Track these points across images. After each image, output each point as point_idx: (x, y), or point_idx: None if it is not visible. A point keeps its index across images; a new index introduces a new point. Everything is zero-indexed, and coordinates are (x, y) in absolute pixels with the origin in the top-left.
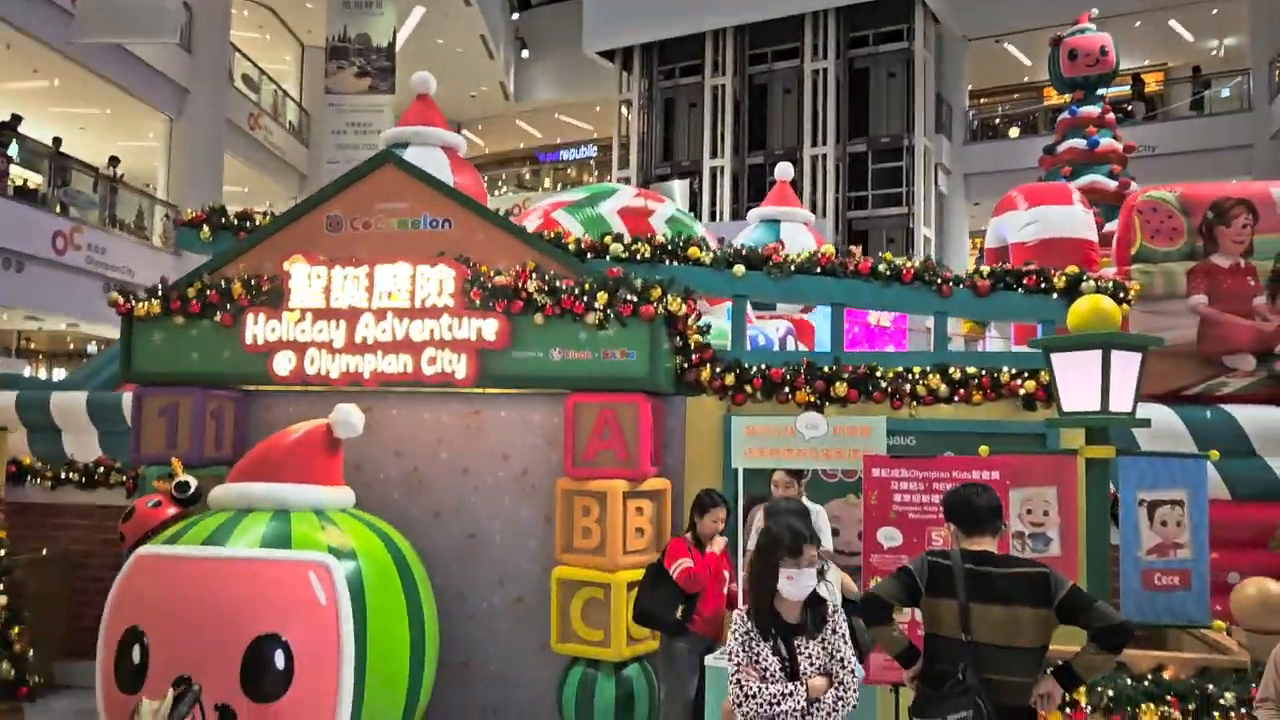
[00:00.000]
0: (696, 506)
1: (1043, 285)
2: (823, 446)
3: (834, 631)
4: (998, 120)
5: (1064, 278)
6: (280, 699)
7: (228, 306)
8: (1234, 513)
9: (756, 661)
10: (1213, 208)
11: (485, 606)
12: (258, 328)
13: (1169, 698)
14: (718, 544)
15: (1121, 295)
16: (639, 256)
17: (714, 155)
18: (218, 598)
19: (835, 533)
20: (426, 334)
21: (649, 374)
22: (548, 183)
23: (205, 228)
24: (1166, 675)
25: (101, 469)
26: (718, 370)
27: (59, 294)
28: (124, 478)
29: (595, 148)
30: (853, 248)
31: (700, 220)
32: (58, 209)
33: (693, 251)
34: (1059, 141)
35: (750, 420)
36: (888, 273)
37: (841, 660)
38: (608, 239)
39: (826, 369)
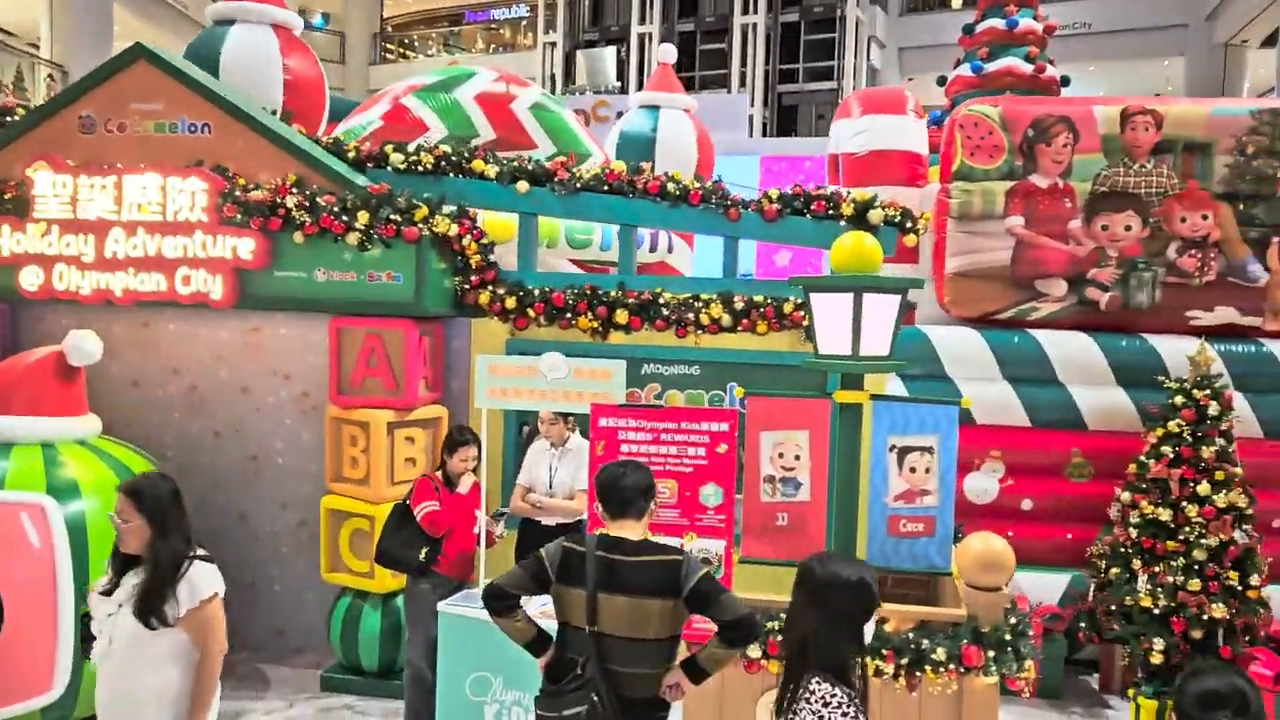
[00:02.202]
0: (446, 444)
1: (830, 211)
2: (564, 389)
3: None
4: None
5: (852, 204)
6: None
7: None
8: (1033, 439)
9: None
10: (1034, 125)
11: (269, 529)
12: (2, 239)
13: (884, 652)
14: (466, 483)
15: (909, 225)
16: (421, 168)
17: (642, 21)
18: None
19: None
20: (179, 251)
21: (415, 298)
22: (480, 43)
23: None
24: (888, 628)
25: None
26: (499, 293)
27: None
28: None
29: (527, 7)
30: (643, 164)
31: (628, 91)
32: None
33: (476, 164)
34: (980, 20)
35: (492, 358)
36: (676, 193)
37: None
38: (388, 148)
39: (612, 294)
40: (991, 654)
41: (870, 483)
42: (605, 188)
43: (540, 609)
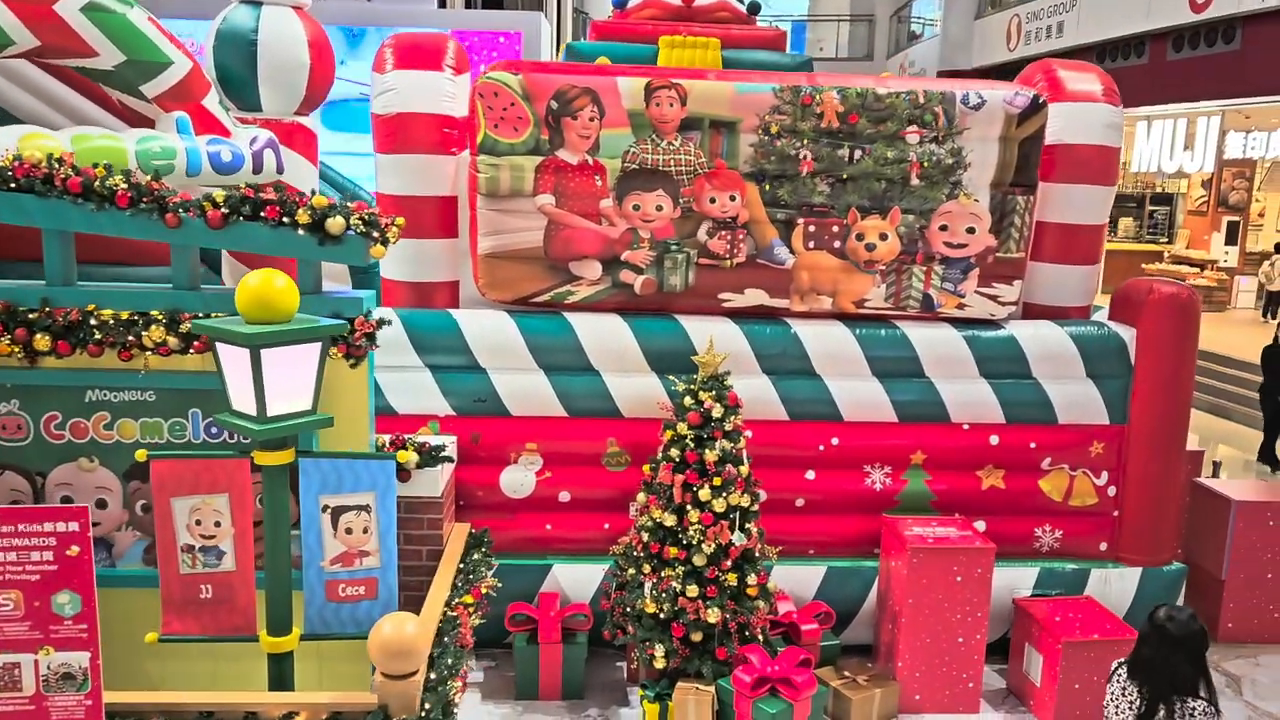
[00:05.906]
0: None
1: (286, 218)
2: None
3: None
4: None
5: (309, 212)
6: None
7: None
8: (569, 430)
9: None
10: (556, 97)
11: None
12: None
13: None
14: None
15: (377, 235)
16: None
17: None
18: None
19: None
20: None
21: None
22: None
23: None
24: None
25: None
26: None
27: None
28: None
29: None
30: (66, 154)
31: None
32: None
33: None
34: None
35: None
36: (103, 193)
37: None
38: None
39: (32, 314)
40: None
41: (305, 546)
42: (13, 185)
43: None
